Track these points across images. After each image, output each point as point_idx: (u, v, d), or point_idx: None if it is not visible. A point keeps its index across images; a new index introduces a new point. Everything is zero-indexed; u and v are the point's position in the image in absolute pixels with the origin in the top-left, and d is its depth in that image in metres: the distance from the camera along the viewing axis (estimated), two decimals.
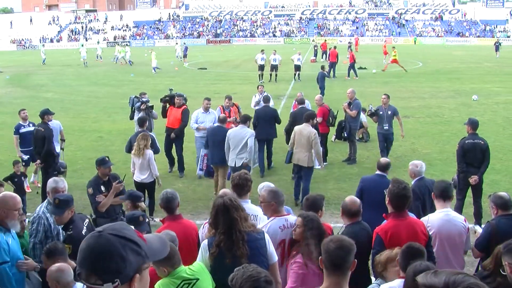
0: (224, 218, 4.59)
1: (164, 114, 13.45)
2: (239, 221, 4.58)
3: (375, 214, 6.33)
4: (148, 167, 9.95)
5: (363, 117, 16.23)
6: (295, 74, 33.03)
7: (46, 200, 6.04)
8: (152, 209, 10.24)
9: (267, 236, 4.79)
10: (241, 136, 10.66)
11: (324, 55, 45.77)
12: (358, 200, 5.82)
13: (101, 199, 7.77)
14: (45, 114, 11.17)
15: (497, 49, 50.57)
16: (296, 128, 10.94)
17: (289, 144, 11.02)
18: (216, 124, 11.66)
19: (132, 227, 2.30)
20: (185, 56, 46.39)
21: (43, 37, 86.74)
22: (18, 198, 5.36)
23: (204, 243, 4.79)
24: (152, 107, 13.36)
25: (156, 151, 10.85)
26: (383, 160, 8.25)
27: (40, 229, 5.78)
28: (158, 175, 10.24)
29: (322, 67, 25.77)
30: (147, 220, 6.13)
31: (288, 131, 12.20)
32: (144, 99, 13.33)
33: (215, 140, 11.07)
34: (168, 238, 3.94)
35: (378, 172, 7.93)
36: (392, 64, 36.18)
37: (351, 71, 33.33)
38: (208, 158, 11.69)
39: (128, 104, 14.26)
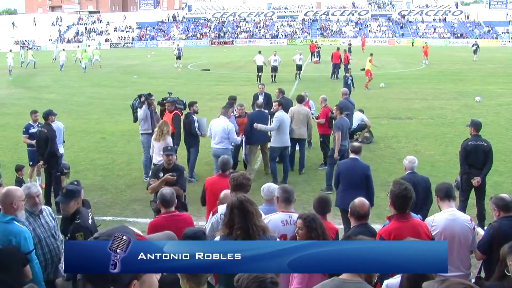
0: (240, 212, 4.61)
1: (161, 117, 13.42)
2: (254, 215, 4.62)
3: (350, 193, 7.63)
4: None
5: (364, 116, 16.27)
6: (296, 74, 33.17)
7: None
8: None
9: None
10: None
11: (313, 57, 46.09)
12: (367, 202, 5.84)
13: (151, 182, 8.22)
14: (49, 115, 11.17)
15: (475, 52, 46.79)
16: (293, 108, 12.97)
17: None
18: (257, 109, 13.15)
19: (135, 229, 2.30)
20: (179, 57, 45.21)
21: (58, 39, 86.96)
22: (20, 189, 5.55)
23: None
24: (150, 94, 13.14)
25: (195, 132, 12.45)
26: (355, 143, 9.42)
27: None
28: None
29: (347, 71, 24.64)
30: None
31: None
32: (142, 94, 13.17)
33: (259, 122, 12.33)
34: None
35: (352, 155, 8.86)
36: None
37: (335, 71, 33.57)
38: (249, 139, 12.64)
39: (131, 107, 13.78)
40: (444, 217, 5.83)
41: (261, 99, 14.90)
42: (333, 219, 9.63)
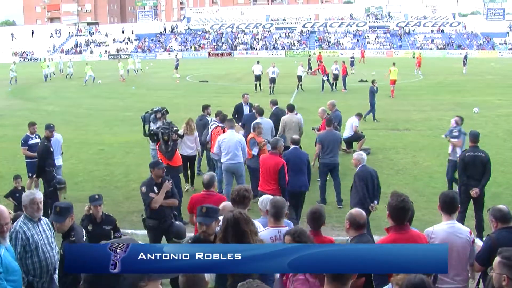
0: (234, 230, 4.58)
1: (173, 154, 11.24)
2: (249, 234, 4.58)
3: (297, 176, 9.78)
4: (194, 143, 12.39)
5: (356, 122, 16.29)
6: (298, 85, 33.35)
7: (22, 215, 5.82)
8: (192, 179, 12.90)
9: None
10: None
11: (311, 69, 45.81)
12: (364, 212, 5.82)
13: (153, 196, 8.14)
14: (45, 129, 11.30)
15: (464, 64, 44.81)
16: (285, 117, 13.52)
17: (279, 131, 13.19)
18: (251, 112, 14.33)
19: (140, 242, 2.32)
20: (176, 67, 46.40)
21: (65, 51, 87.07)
22: (4, 213, 5.18)
23: None
24: (167, 111, 12.83)
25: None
26: (294, 136, 10.77)
27: (19, 244, 5.57)
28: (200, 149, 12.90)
29: (373, 82, 23.05)
30: None
31: None
32: (155, 108, 12.74)
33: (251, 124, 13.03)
34: None
35: (292, 146, 10.24)
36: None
37: (329, 83, 33.73)
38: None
39: (141, 118, 12.82)
40: (443, 229, 5.79)
41: (246, 108, 15.48)
42: (331, 231, 9.63)
